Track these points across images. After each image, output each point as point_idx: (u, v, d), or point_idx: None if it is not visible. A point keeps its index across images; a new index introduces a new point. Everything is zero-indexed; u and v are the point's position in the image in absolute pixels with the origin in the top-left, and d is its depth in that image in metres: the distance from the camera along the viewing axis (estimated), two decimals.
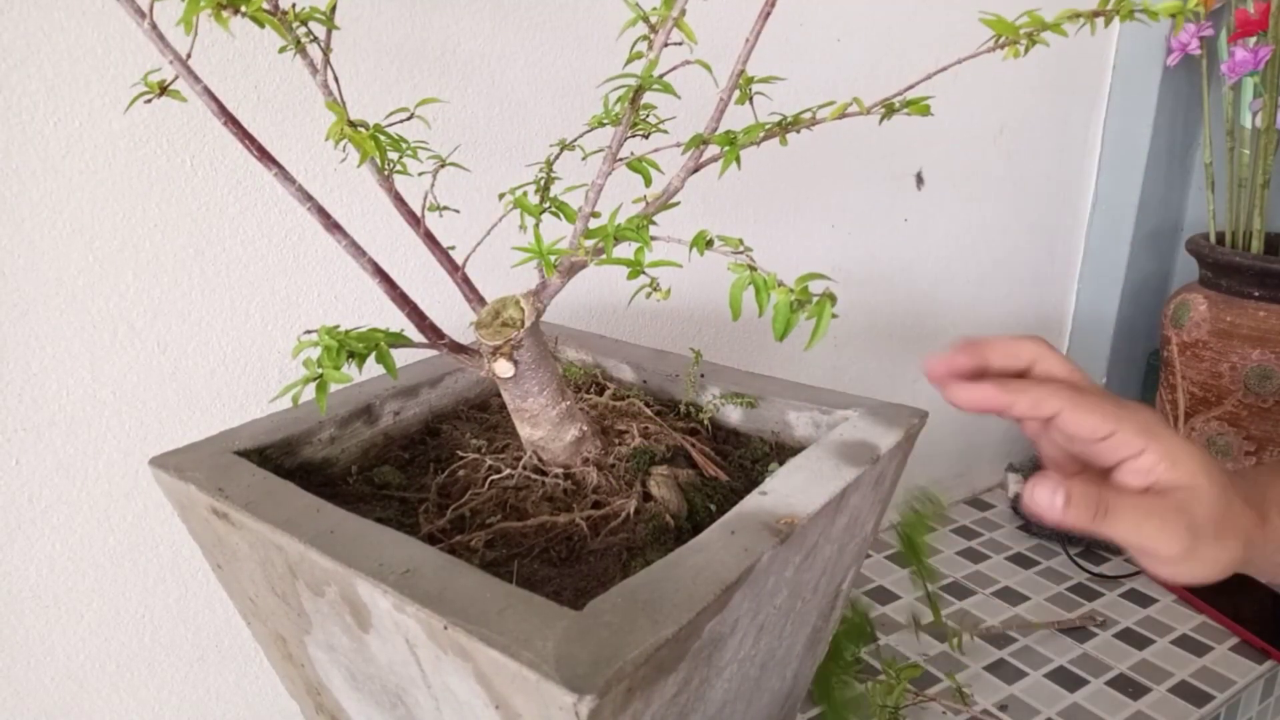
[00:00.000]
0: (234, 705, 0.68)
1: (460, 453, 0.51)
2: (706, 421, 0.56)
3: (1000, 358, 0.47)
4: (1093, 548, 0.99)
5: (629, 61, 0.40)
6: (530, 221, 0.45)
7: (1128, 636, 0.84)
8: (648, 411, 0.55)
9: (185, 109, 0.56)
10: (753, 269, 0.36)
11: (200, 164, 0.58)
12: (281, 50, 0.43)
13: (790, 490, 0.42)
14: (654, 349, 0.63)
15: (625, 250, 0.39)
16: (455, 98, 0.66)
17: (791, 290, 0.35)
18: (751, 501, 0.41)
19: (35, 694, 0.60)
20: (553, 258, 0.41)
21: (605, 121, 0.43)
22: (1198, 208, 1.19)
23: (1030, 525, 1.03)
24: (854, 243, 0.93)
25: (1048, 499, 0.42)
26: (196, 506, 0.44)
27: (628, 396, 0.56)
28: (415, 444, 0.55)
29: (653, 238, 0.38)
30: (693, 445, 0.51)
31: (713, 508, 0.47)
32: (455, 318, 0.70)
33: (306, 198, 0.41)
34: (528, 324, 0.44)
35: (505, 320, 0.45)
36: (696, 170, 0.42)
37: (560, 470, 0.48)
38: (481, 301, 0.46)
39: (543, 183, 0.48)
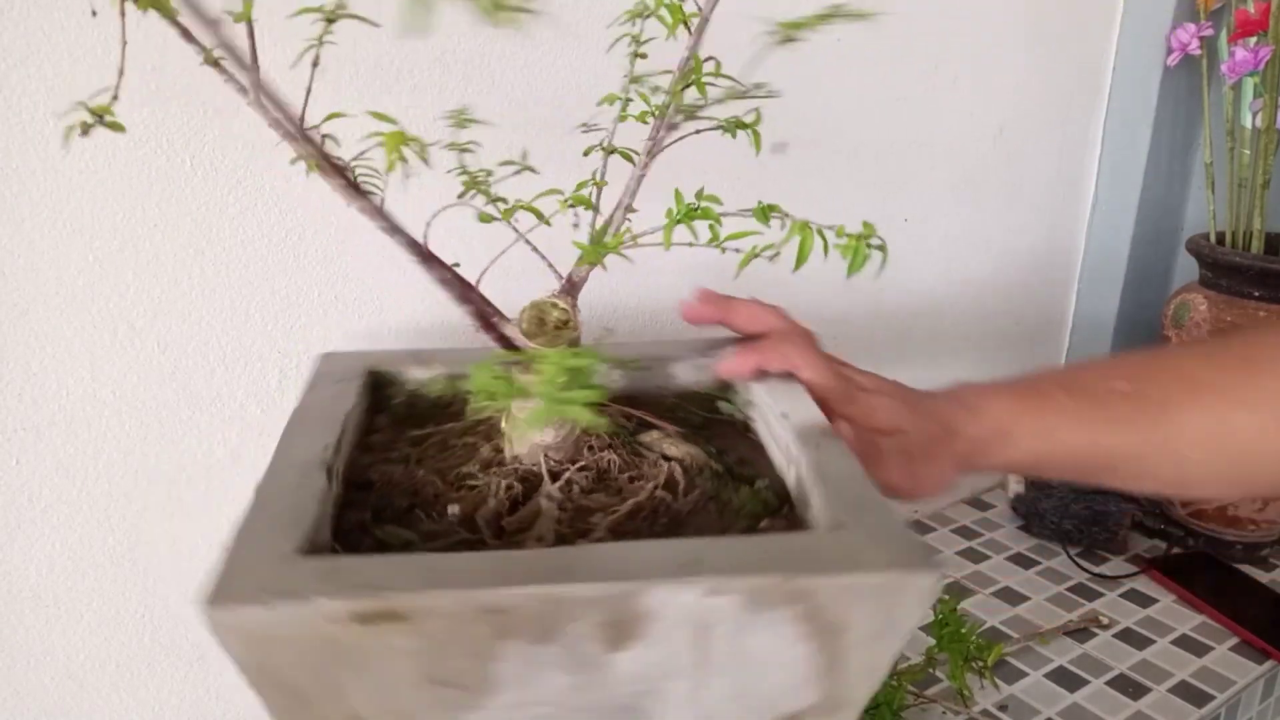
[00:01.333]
0: (234, 705, 0.68)
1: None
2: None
3: (745, 321, 0.55)
4: (1092, 548, 0.99)
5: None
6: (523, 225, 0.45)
7: (1128, 637, 0.84)
8: None
9: (185, 109, 0.56)
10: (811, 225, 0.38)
11: (200, 164, 0.58)
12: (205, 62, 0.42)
13: (790, 405, 0.48)
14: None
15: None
16: (455, 98, 0.66)
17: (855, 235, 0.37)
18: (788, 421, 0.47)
19: (35, 694, 0.60)
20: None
21: (615, 112, 0.43)
22: (1198, 208, 1.19)
23: (1030, 525, 1.03)
24: None
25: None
26: (314, 629, 0.36)
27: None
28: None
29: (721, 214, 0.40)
30: (636, 413, 0.52)
31: (712, 450, 0.50)
32: (457, 318, 0.70)
33: (429, 259, 0.41)
34: (580, 324, 0.44)
35: (555, 324, 0.44)
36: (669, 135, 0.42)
37: (583, 463, 0.48)
38: (500, 314, 0.45)
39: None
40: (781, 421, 0.48)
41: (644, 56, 0.45)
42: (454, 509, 0.43)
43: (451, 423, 0.52)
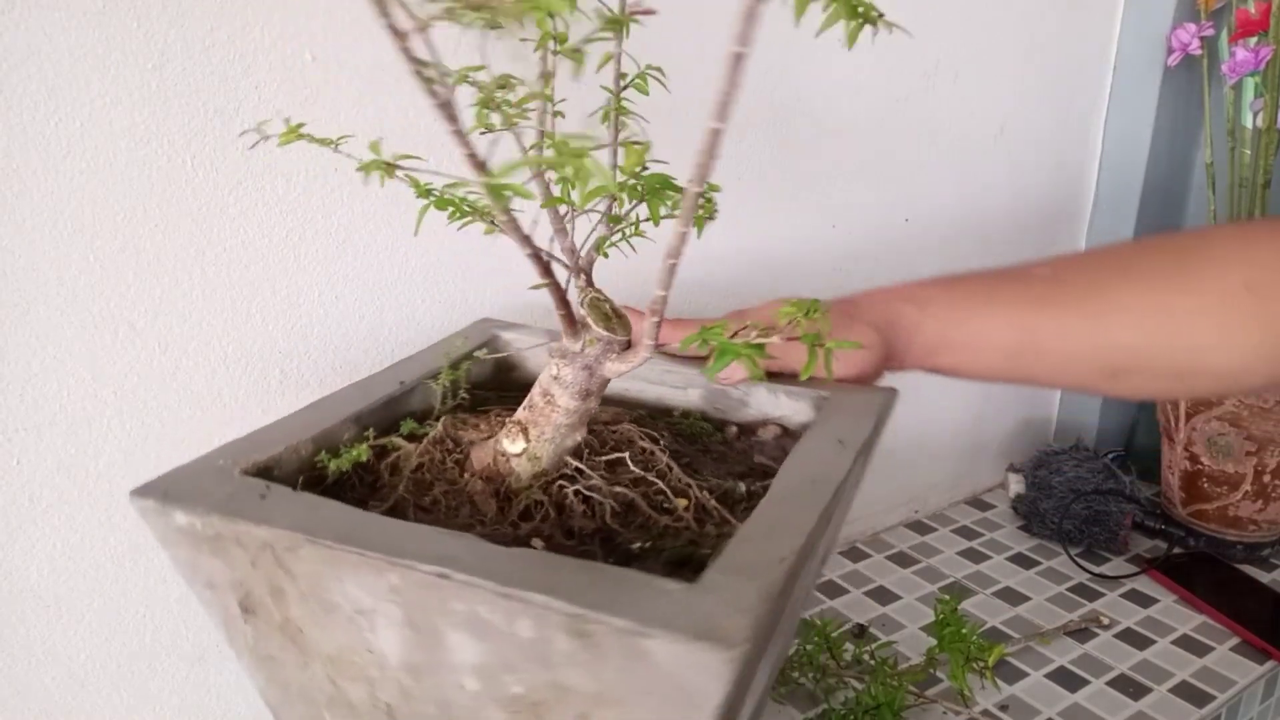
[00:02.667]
0: (235, 704, 0.68)
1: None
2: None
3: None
4: (1093, 548, 0.99)
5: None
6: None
7: (1128, 637, 0.84)
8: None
9: (186, 108, 0.56)
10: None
11: (201, 164, 0.58)
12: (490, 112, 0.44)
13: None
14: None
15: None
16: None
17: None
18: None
19: (36, 694, 0.60)
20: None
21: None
22: (1198, 208, 1.19)
23: (1031, 525, 1.03)
24: (855, 242, 0.93)
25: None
26: None
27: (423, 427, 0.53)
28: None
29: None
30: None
31: (665, 435, 0.53)
32: (457, 317, 0.70)
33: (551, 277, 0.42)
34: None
35: (609, 314, 0.45)
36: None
37: (587, 451, 0.49)
38: (572, 321, 0.44)
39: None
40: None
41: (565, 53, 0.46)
42: (537, 542, 0.43)
43: (376, 491, 0.48)
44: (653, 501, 0.46)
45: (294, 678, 0.46)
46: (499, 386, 0.60)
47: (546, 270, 0.41)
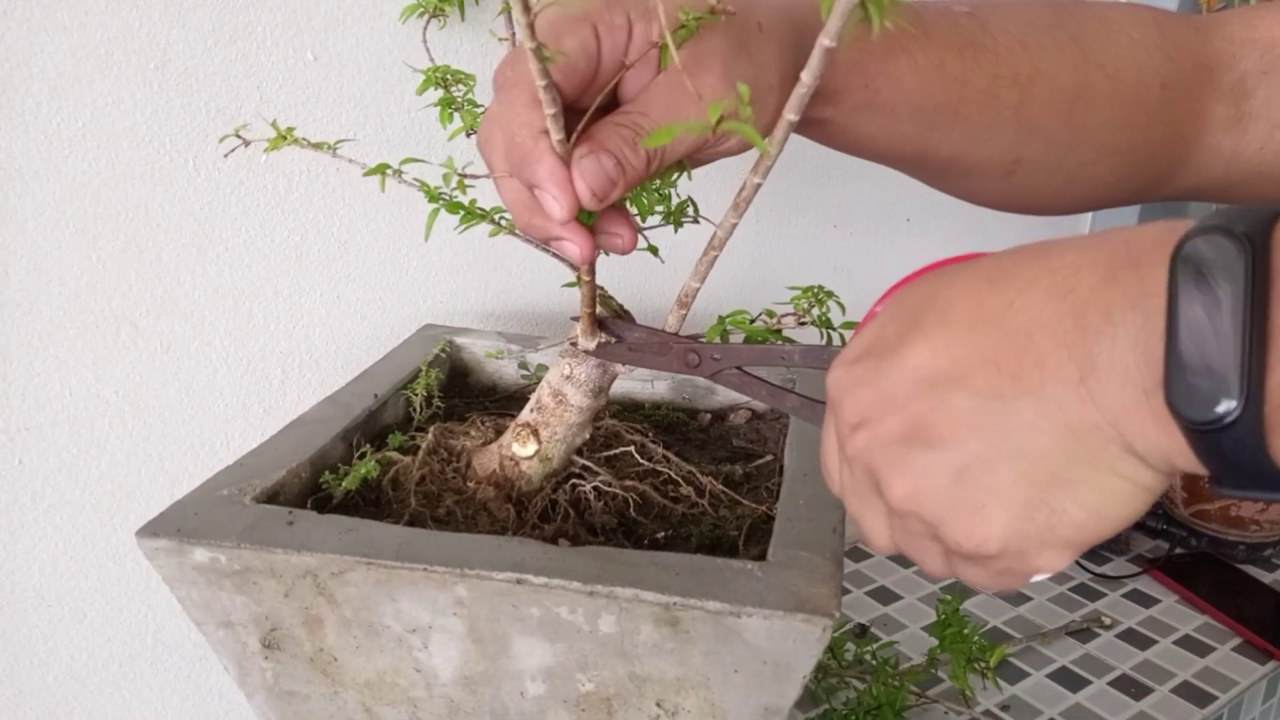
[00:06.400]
0: (236, 703, 0.68)
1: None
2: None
3: None
4: (1094, 548, 0.98)
5: None
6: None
7: (1130, 637, 0.84)
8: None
9: (188, 109, 0.56)
10: None
11: (203, 164, 0.58)
12: None
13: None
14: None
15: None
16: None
17: None
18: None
19: (38, 693, 0.60)
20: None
21: None
22: (1199, 207, 1.19)
23: None
24: (857, 243, 0.93)
25: None
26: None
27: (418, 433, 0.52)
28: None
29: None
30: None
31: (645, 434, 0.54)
32: (458, 314, 0.70)
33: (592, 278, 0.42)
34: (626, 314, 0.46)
35: (617, 311, 0.45)
36: None
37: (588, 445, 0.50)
38: (593, 319, 0.44)
39: None
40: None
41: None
42: (564, 542, 0.43)
43: (381, 507, 0.48)
44: (662, 491, 0.47)
45: (319, 711, 0.44)
46: (460, 392, 0.60)
47: (591, 269, 0.41)
